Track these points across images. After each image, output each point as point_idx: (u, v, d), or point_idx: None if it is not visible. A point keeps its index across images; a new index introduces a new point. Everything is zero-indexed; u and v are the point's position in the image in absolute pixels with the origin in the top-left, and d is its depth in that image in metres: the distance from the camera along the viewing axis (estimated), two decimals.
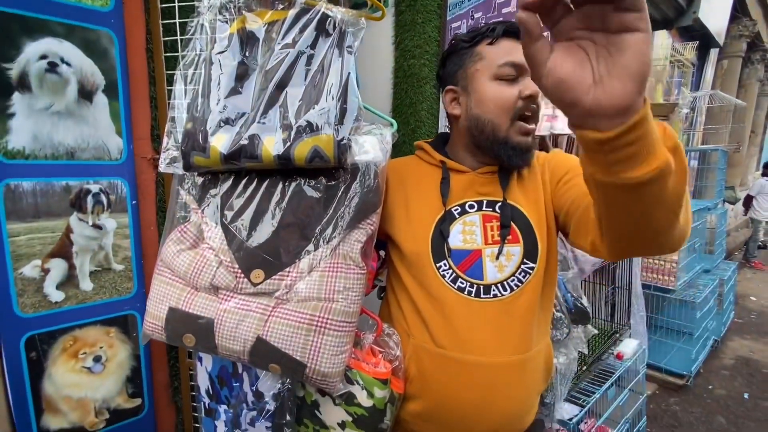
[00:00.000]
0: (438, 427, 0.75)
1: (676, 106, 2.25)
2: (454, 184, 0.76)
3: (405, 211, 0.79)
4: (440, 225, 0.75)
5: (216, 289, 0.71)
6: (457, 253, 0.74)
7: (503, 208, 0.73)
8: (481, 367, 0.71)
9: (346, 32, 0.71)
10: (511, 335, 0.72)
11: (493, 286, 0.72)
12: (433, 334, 0.73)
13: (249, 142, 0.67)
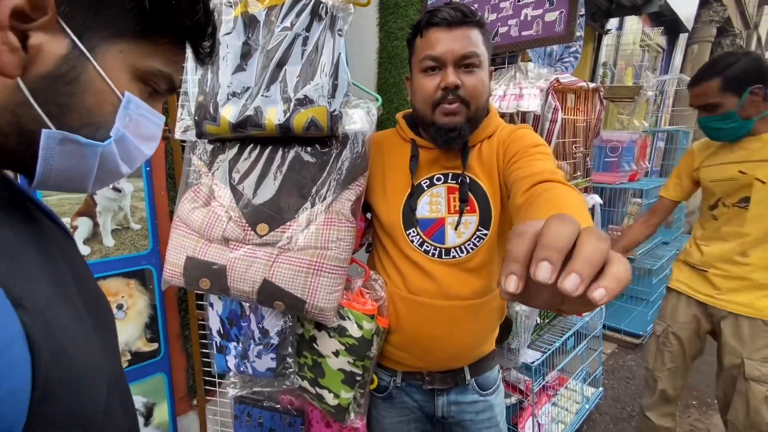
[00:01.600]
0: (410, 355, 0.90)
1: (641, 88, 2.41)
2: (423, 160, 0.87)
3: (382, 183, 0.90)
4: (409, 200, 0.86)
5: (227, 240, 0.83)
6: (423, 221, 0.86)
7: (462, 184, 0.83)
8: (443, 309, 0.85)
9: (336, 17, 0.81)
10: (468, 285, 0.85)
11: (453, 249, 0.85)
12: (407, 283, 0.88)
13: (254, 113, 0.78)
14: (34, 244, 0.35)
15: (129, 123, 0.38)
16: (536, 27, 1.19)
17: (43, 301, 0.31)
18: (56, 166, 0.35)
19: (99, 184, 0.40)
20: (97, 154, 0.36)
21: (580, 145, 1.73)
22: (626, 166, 2.77)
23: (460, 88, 0.77)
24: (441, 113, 0.79)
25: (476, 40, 0.78)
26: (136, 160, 0.41)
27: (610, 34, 2.70)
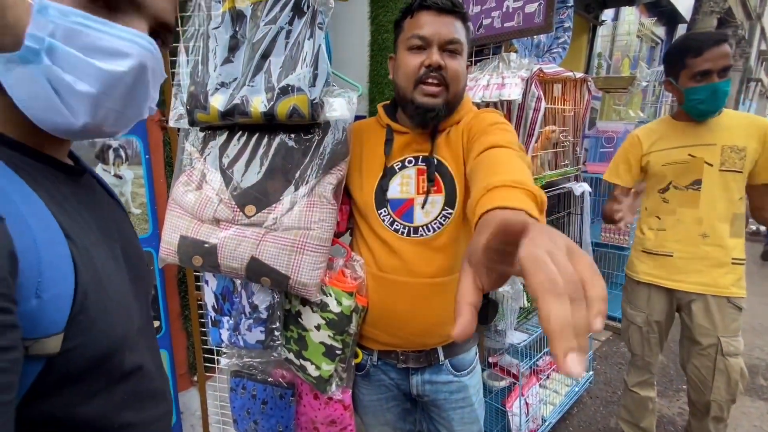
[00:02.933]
0: (380, 331, 0.96)
1: (634, 79, 2.43)
2: (397, 144, 0.92)
3: (359, 167, 0.96)
4: (381, 181, 0.92)
5: (217, 221, 0.89)
6: (394, 201, 0.91)
7: (429, 165, 0.88)
8: (409, 285, 0.90)
9: (317, 11, 0.86)
10: (434, 263, 0.90)
11: (421, 228, 0.90)
12: (377, 261, 0.93)
13: (241, 102, 0.84)
14: (86, 204, 0.44)
15: (58, 32, 0.34)
16: (517, 18, 1.23)
17: (87, 241, 0.39)
18: (21, 97, 0.35)
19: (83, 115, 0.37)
20: (39, 73, 0.35)
21: (569, 134, 1.77)
22: None
23: (442, 69, 0.82)
24: (421, 93, 0.84)
25: (460, 30, 0.85)
26: (98, 79, 0.36)
27: (605, 24, 2.71)
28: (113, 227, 0.48)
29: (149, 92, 0.42)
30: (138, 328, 0.46)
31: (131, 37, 0.37)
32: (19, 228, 0.32)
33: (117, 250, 0.46)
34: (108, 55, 0.36)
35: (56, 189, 0.40)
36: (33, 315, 0.32)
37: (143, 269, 0.53)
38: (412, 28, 0.84)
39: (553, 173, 1.68)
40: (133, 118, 0.43)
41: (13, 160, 0.37)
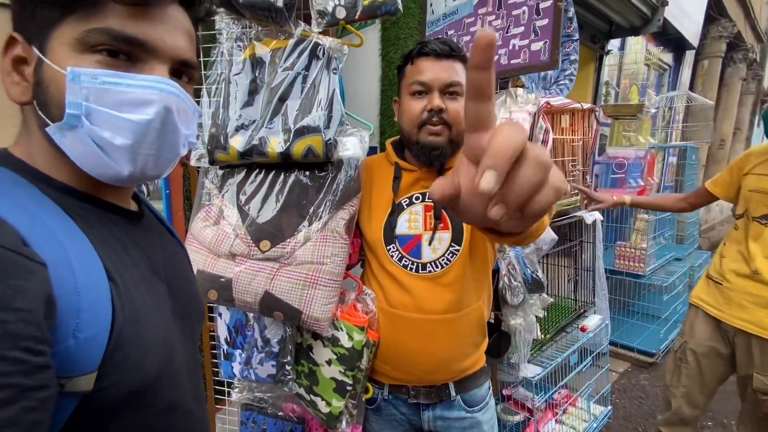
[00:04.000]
0: (391, 366, 0.96)
1: (643, 106, 2.45)
2: (405, 181, 0.95)
3: (368, 203, 0.98)
4: (390, 217, 0.94)
5: (233, 255, 0.92)
6: (402, 237, 0.93)
7: (436, 202, 0.90)
8: (418, 322, 0.91)
9: (332, 57, 0.92)
10: (443, 299, 0.91)
11: (429, 264, 0.91)
12: (387, 297, 0.94)
13: (259, 142, 0.88)
14: (140, 244, 0.47)
15: (90, 95, 0.38)
16: (523, 56, 1.28)
17: (130, 281, 0.42)
18: (76, 156, 0.40)
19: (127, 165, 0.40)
20: (84, 135, 0.38)
21: (578, 163, 1.78)
22: (633, 182, 2.78)
23: (444, 112, 0.86)
24: (426, 133, 0.88)
25: (460, 72, 0.88)
26: (130, 131, 0.39)
27: (612, 54, 2.76)
28: (164, 266, 0.50)
29: (180, 131, 0.43)
30: (181, 363, 0.48)
31: (152, 84, 0.40)
32: (62, 272, 0.35)
33: (163, 289, 0.49)
34: (134, 106, 0.39)
35: (109, 231, 0.43)
36: (69, 354, 0.34)
37: (192, 306, 0.55)
38: (414, 75, 0.88)
39: (564, 202, 1.68)
40: (171, 159, 0.45)
41: (71, 206, 0.40)
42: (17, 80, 0.40)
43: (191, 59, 0.45)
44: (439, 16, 1.51)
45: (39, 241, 0.34)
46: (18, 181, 0.39)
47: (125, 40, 0.38)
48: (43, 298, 0.31)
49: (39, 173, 0.41)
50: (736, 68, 5.22)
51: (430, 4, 1.55)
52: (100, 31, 0.38)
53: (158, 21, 0.40)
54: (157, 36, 0.40)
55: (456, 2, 1.43)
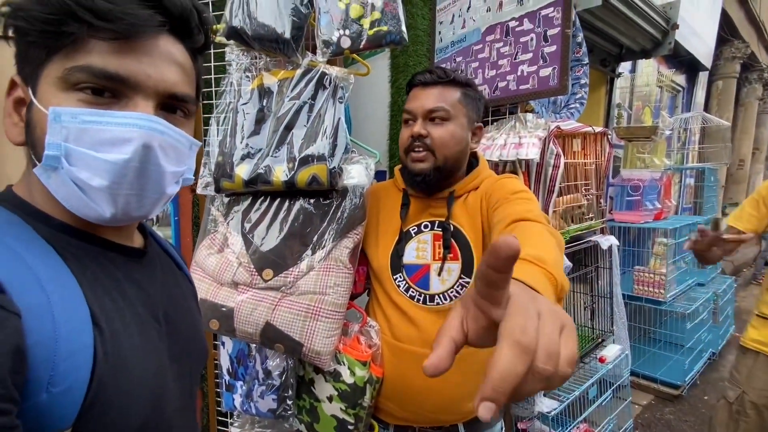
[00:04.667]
0: (396, 405, 0.91)
1: (657, 128, 2.41)
2: (413, 208, 0.93)
3: (375, 230, 0.96)
4: (397, 245, 0.92)
5: (236, 284, 0.90)
6: (410, 267, 0.90)
7: (445, 231, 0.88)
8: (425, 357, 0.86)
9: (338, 86, 0.92)
10: None
11: (437, 296, 0.88)
12: (392, 329, 0.91)
13: (264, 171, 0.88)
14: (140, 282, 0.45)
15: (70, 135, 0.37)
16: (532, 81, 1.27)
17: (119, 325, 0.39)
18: (62, 196, 0.39)
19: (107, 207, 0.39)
20: (64, 176, 0.37)
21: (591, 187, 1.74)
22: (650, 204, 2.71)
23: (426, 138, 0.86)
24: (411, 159, 0.88)
25: (447, 97, 0.87)
26: (106, 171, 0.38)
27: (623, 77, 2.75)
28: (164, 305, 0.48)
29: (164, 169, 0.41)
30: (174, 409, 0.45)
31: (132, 121, 0.38)
32: (40, 319, 0.33)
33: (159, 331, 0.46)
34: (113, 144, 0.37)
35: (104, 271, 0.42)
36: (40, 410, 0.32)
37: (193, 347, 0.52)
38: (406, 104, 0.91)
39: (577, 227, 1.64)
40: (157, 198, 0.42)
41: (67, 246, 0.39)
42: (16, 121, 0.41)
43: (183, 92, 0.42)
44: (448, 43, 1.52)
45: (19, 286, 0.33)
46: (12, 221, 0.38)
47: (106, 77, 0.37)
48: (10, 351, 0.30)
49: (38, 212, 0.40)
50: (751, 88, 5.15)
51: (438, 32, 1.57)
52: (80, 69, 0.37)
53: (144, 54, 0.39)
54: (140, 70, 0.38)
55: (464, 30, 1.45)
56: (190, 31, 0.42)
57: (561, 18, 1.14)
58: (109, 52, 0.37)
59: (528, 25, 1.23)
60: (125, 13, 0.36)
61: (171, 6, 0.40)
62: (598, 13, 1.94)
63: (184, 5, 0.41)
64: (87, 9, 0.35)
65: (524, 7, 1.23)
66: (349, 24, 0.84)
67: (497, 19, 1.32)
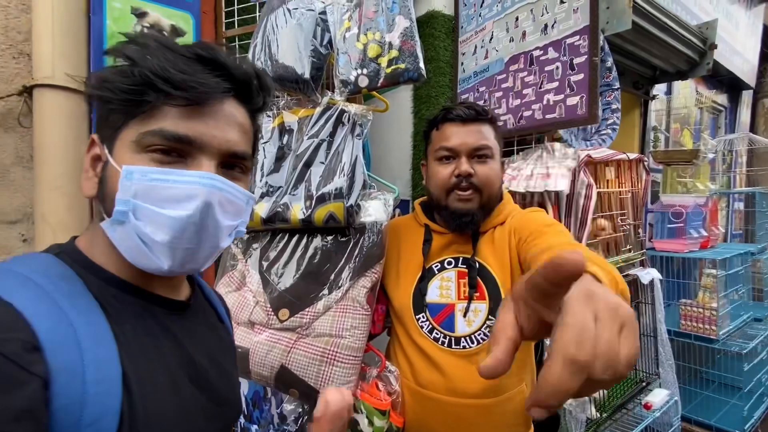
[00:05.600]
0: None
1: (699, 151, 2.26)
2: (436, 244, 0.89)
3: (396, 267, 0.92)
4: (419, 283, 0.87)
5: (252, 324, 0.89)
6: (433, 306, 0.85)
7: (470, 269, 0.83)
8: (451, 406, 0.81)
9: (357, 123, 0.92)
10: (479, 381, 0.80)
11: (463, 338, 0.83)
12: (415, 374, 0.85)
13: (282, 209, 0.88)
14: (180, 337, 0.46)
15: (138, 192, 0.39)
16: (559, 110, 1.22)
17: (150, 387, 0.40)
18: (124, 249, 0.41)
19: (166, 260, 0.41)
20: (130, 230, 0.40)
21: (628, 217, 1.64)
22: (694, 232, 2.52)
23: (473, 176, 0.82)
24: (455, 199, 0.84)
25: (488, 135, 0.85)
26: (169, 227, 0.40)
27: (658, 99, 2.63)
28: (203, 360, 0.48)
29: (220, 224, 0.43)
30: None
31: (195, 180, 0.40)
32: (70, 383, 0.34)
33: (194, 391, 0.46)
34: (177, 201, 0.40)
35: (144, 327, 0.43)
36: None
37: (227, 405, 0.52)
38: (440, 140, 0.86)
39: (614, 260, 1.53)
40: (211, 252, 0.44)
41: (111, 299, 0.41)
42: (91, 176, 0.44)
43: (243, 151, 0.45)
44: (470, 73, 1.51)
45: (56, 344, 0.34)
46: (66, 276, 0.40)
47: (176, 139, 0.40)
48: (21, 416, 0.30)
49: (92, 264, 0.42)
50: None
51: (461, 63, 1.57)
52: (153, 133, 0.40)
53: (210, 117, 0.42)
54: (207, 132, 0.41)
55: (487, 60, 1.43)
56: (251, 95, 0.45)
57: (588, 46, 1.10)
58: (179, 116, 0.40)
59: (553, 54, 1.20)
60: (197, 82, 0.39)
61: (236, 73, 0.43)
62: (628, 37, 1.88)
63: (248, 71, 0.44)
64: (164, 80, 0.38)
65: (548, 36, 1.21)
66: (366, 63, 0.84)
67: (521, 48, 1.30)
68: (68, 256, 0.42)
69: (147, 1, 1.02)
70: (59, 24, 0.94)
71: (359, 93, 0.87)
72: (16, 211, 1.01)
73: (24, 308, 0.34)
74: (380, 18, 0.85)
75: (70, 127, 1.00)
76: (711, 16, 2.51)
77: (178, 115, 0.40)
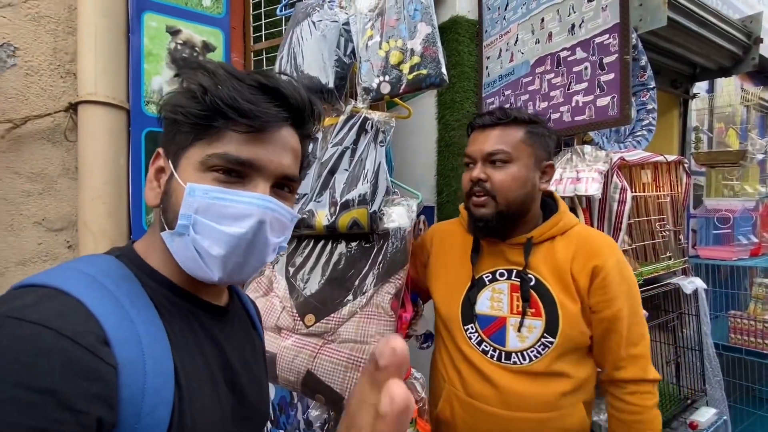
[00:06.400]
0: None
1: (746, 152, 2.12)
2: (486, 252, 0.86)
3: (444, 274, 0.91)
4: (469, 292, 0.85)
5: (279, 329, 0.90)
6: (483, 318, 0.83)
7: (523, 282, 0.80)
8: (502, 419, 0.78)
9: (380, 130, 0.92)
10: (533, 396, 0.77)
11: (514, 354, 0.80)
12: (465, 385, 0.83)
13: (307, 216, 0.89)
14: (218, 341, 0.49)
15: (200, 208, 0.42)
16: (588, 112, 1.18)
17: (195, 384, 0.43)
18: (181, 259, 0.44)
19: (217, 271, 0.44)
20: (189, 242, 0.43)
21: (667, 222, 1.55)
22: (743, 238, 2.35)
23: (485, 182, 0.81)
24: (472, 204, 0.84)
25: (508, 139, 0.82)
26: (225, 242, 0.43)
27: (699, 97, 2.49)
28: (237, 365, 0.51)
29: (269, 241, 0.46)
30: None
31: (252, 200, 0.43)
32: (134, 373, 0.37)
33: (227, 393, 0.49)
34: (233, 219, 0.43)
35: (189, 327, 0.46)
36: None
37: (257, 410, 0.54)
38: (467, 148, 0.87)
39: (653, 267, 1.45)
40: (258, 266, 0.47)
41: (163, 300, 0.45)
42: (154, 186, 0.47)
43: (293, 174, 0.48)
44: (495, 77, 1.49)
45: (122, 339, 0.37)
46: (126, 277, 0.43)
47: (238, 163, 0.43)
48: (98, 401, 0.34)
49: (148, 268, 0.46)
50: None
51: (486, 67, 1.55)
52: (218, 156, 0.43)
53: (269, 143, 0.45)
54: (265, 156, 0.44)
55: (512, 63, 1.41)
56: (304, 121, 0.48)
57: (618, 44, 1.06)
58: (242, 142, 0.44)
59: (581, 54, 1.16)
60: (262, 111, 0.43)
61: (294, 102, 0.46)
62: (663, 34, 1.80)
63: (303, 100, 0.47)
64: (232, 108, 0.42)
65: (576, 36, 1.17)
66: (389, 70, 0.85)
67: (547, 50, 1.27)
68: (127, 258, 0.46)
69: (180, 20, 1.08)
70: (101, 43, 1.01)
71: (382, 100, 0.87)
72: (62, 220, 1.08)
73: (93, 306, 0.37)
74: (402, 25, 0.86)
75: (110, 140, 1.07)
76: (755, 9, 2.37)
77: (242, 141, 0.43)
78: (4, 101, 0.96)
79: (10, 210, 1.00)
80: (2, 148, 0.97)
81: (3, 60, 0.93)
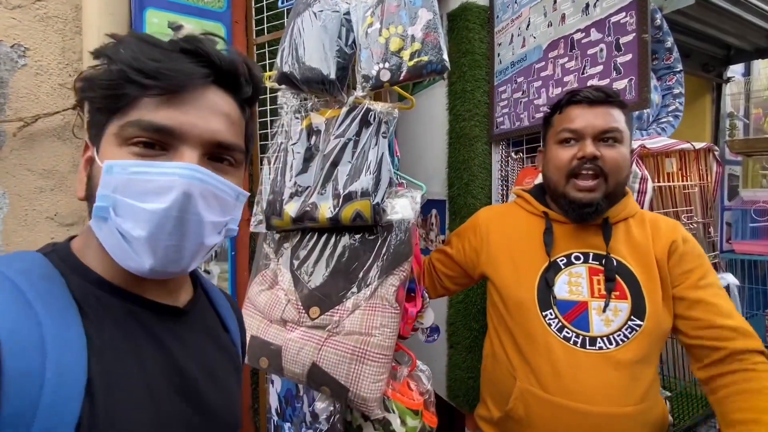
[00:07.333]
0: None
1: None
2: (558, 235, 0.83)
3: (510, 259, 0.86)
4: (545, 274, 0.80)
5: (284, 321, 0.90)
6: (562, 303, 0.79)
7: (608, 263, 0.77)
8: (589, 416, 0.72)
9: (382, 121, 0.90)
10: (619, 387, 0.72)
11: (599, 338, 0.75)
12: (540, 380, 0.77)
13: (310, 208, 0.89)
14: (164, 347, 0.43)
15: (118, 186, 0.38)
16: None
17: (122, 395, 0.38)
18: (109, 247, 0.40)
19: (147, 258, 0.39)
20: (112, 226, 0.38)
21: (695, 214, 1.46)
22: None
23: (598, 159, 0.77)
24: (574, 188, 0.79)
25: (618, 118, 0.79)
26: (147, 220, 0.38)
27: (734, 81, 2.34)
28: (193, 373, 0.45)
29: (203, 218, 0.40)
30: None
31: (174, 170, 0.38)
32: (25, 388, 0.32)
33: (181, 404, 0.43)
34: (156, 194, 0.38)
35: (126, 333, 0.41)
36: None
37: (220, 420, 0.48)
38: (562, 122, 0.81)
39: None
40: (196, 250, 0.41)
41: (93, 302, 0.39)
42: (82, 177, 0.43)
43: (230, 141, 0.42)
44: (507, 64, 1.44)
45: (16, 346, 0.33)
46: (47, 276, 0.39)
47: (154, 129, 0.39)
48: None
49: (79, 265, 0.41)
50: None
51: (497, 54, 1.50)
52: (131, 124, 0.39)
53: (190, 106, 0.40)
54: (187, 121, 0.39)
55: (524, 49, 1.36)
56: (238, 84, 0.43)
57: (636, 23, 1.00)
58: (157, 106, 0.39)
59: (596, 35, 1.10)
60: (170, 69, 0.38)
61: (218, 60, 0.41)
62: (692, 14, 1.70)
63: (233, 59, 0.42)
64: (136, 70, 0.37)
65: (590, 16, 1.12)
66: (389, 57, 0.83)
67: (560, 33, 1.21)
68: (58, 255, 0.41)
69: (182, 15, 1.10)
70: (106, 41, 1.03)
71: (381, 87, 0.86)
72: (73, 215, 1.12)
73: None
74: (402, 12, 0.84)
75: None
76: None
77: (156, 105, 0.39)
78: (16, 100, 1.00)
79: (23, 205, 1.04)
80: (15, 146, 1.01)
81: (14, 60, 0.97)
